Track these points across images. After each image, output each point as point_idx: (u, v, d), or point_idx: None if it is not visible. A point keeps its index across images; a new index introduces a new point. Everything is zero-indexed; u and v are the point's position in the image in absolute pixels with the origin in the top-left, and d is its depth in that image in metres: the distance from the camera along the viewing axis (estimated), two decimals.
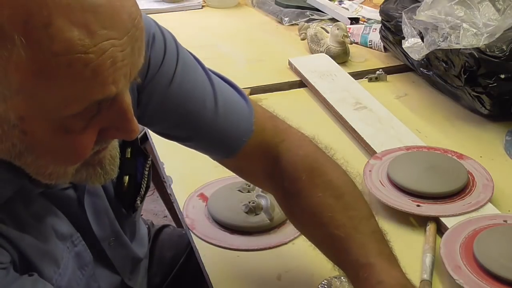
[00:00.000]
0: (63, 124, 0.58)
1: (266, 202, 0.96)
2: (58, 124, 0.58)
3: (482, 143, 1.20)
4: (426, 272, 0.85)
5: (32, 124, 0.57)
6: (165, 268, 1.12)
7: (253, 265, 0.89)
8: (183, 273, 1.13)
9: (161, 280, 1.11)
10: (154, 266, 1.10)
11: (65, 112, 0.56)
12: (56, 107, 0.56)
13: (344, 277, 0.84)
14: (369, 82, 1.47)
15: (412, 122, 1.27)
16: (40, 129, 0.58)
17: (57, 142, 0.60)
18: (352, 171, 1.09)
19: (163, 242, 1.15)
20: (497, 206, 0.98)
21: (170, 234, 1.18)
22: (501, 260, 0.83)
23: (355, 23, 1.80)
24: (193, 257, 1.00)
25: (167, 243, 1.15)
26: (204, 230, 0.96)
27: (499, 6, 1.20)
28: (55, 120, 0.57)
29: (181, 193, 1.05)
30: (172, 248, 1.15)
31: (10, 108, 0.56)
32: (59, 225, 0.73)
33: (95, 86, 0.55)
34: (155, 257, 1.11)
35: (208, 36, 1.83)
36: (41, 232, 0.69)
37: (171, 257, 1.13)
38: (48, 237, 0.70)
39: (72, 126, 0.59)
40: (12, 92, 0.54)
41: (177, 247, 1.15)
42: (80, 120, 0.58)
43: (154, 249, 1.13)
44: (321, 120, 1.31)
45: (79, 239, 0.76)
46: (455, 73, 1.26)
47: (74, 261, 0.74)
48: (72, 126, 0.59)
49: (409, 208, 0.97)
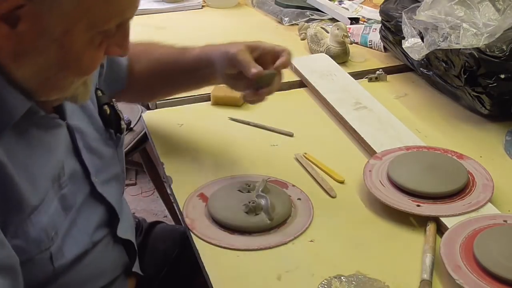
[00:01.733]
0: (93, 38, 0.70)
1: (266, 202, 0.96)
2: (92, 38, 0.70)
3: (482, 143, 1.20)
4: (426, 272, 0.85)
5: (73, 37, 0.68)
6: (158, 260, 1.18)
7: (253, 265, 0.89)
8: (178, 266, 1.18)
9: (155, 271, 1.16)
10: (147, 257, 1.14)
11: (105, 25, 0.70)
12: (101, 21, 0.69)
13: (344, 277, 0.85)
14: (369, 82, 1.47)
15: (412, 122, 1.27)
16: (78, 42, 0.69)
17: (85, 55, 0.72)
18: (352, 171, 1.10)
19: (156, 235, 1.22)
20: (497, 206, 0.98)
21: (162, 229, 1.25)
22: (501, 260, 0.83)
23: (355, 23, 1.80)
24: (187, 250, 1.03)
25: (160, 236, 1.22)
26: (204, 230, 0.96)
27: (499, 6, 1.20)
28: (93, 34, 0.70)
29: (181, 193, 1.05)
30: (165, 241, 1.21)
31: (61, 22, 0.67)
32: (50, 162, 0.80)
33: (131, 6, 0.71)
34: (147, 249, 1.17)
35: (208, 36, 1.82)
36: (31, 166, 0.77)
37: (164, 249, 1.19)
38: (36, 173, 0.77)
39: (96, 41, 0.71)
40: (69, 4, 0.65)
41: (170, 240, 1.21)
42: (102, 36, 0.71)
43: (147, 242, 1.19)
44: (321, 120, 1.31)
45: (66, 183, 0.83)
46: (455, 73, 1.26)
47: (59, 202, 0.82)
48: (96, 41, 0.71)
49: (409, 208, 0.97)
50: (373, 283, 0.84)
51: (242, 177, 1.08)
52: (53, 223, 0.80)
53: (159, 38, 1.82)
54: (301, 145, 1.20)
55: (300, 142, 1.22)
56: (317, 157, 1.14)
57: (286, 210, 0.98)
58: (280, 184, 1.06)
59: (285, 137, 1.23)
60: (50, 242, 0.80)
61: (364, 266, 0.87)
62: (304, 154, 1.15)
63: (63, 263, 0.83)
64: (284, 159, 1.15)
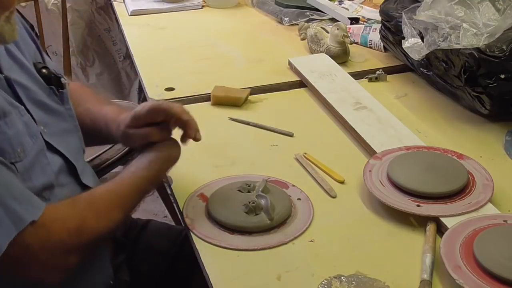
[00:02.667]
0: None
1: (266, 202, 0.97)
2: None
3: (482, 143, 1.20)
4: (426, 272, 0.85)
5: None
6: (153, 256, 1.19)
7: (253, 265, 0.89)
8: (176, 265, 1.19)
9: (151, 268, 1.17)
10: (140, 254, 1.17)
11: None
12: None
13: (344, 277, 0.85)
14: (369, 82, 1.47)
15: (412, 122, 1.27)
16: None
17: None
18: (352, 171, 1.11)
19: (150, 232, 1.23)
20: (497, 206, 0.98)
21: (157, 226, 1.27)
22: (501, 260, 0.83)
23: (355, 23, 1.80)
24: (185, 250, 1.06)
25: (155, 233, 1.23)
26: (204, 230, 0.96)
27: (499, 6, 1.20)
28: None
29: (181, 193, 1.05)
30: (160, 238, 1.23)
31: None
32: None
33: None
34: (140, 246, 1.19)
35: (208, 36, 1.83)
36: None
37: (158, 246, 1.20)
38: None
39: None
40: None
41: (166, 237, 1.23)
42: None
43: (140, 239, 1.21)
44: (321, 120, 1.31)
45: (24, 111, 0.89)
46: (455, 73, 1.26)
47: (23, 126, 0.88)
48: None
49: (409, 208, 0.97)
50: (373, 283, 0.84)
51: (242, 177, 1.08)
52: (18, 139, 0.85)
53: (159, 38, 1.84)
54: (301, 145, 1.20)
55: (300, 142, 1.22)
56: (317, 157, 1.14)
57: (286, 210, 0.98)
58: (280, 184, 1.06)
59: (285, 137, 1.23)
60: (16, 157, 0.85)
61: (364, 266, 0.87)
62: (304, 154, 1.15)
63: (32, 187, 0.86)
64: (284, 159, 1.15)
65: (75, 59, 2.58)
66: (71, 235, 0.84)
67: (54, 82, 1.00)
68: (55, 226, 0.83)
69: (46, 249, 0.82)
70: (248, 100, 1.38)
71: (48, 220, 0.82)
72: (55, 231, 0.83)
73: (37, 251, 0.81)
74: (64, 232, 0.84)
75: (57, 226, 0.83)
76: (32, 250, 0.81)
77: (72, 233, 0.84)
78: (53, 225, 0.83)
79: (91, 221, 0.87)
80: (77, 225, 0.85)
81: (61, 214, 0.85)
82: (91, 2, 2.51)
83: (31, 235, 0.80)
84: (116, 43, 2.62)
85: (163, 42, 1.78)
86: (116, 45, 2.63)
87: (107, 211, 0.91)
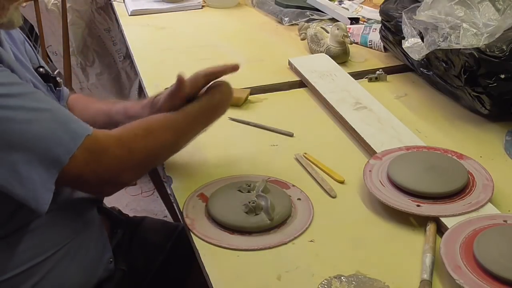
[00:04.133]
0: None
1: (266, 202, 0.97)
2: None
3: (482, 143, 1.20)
4: (426, 272, 0.85)
5: None
6: (147, 251, 1.21)
7: (253, 265, 0.89)
8: (172, 258, 1.22)
9: (145, 263, 1.19)
10: (135, 248, 1.20)
11: None
12: None
13: (344, 277, 0.85)
14: (369, 82, 1.47)
15: (412, 122, 1.27)
16: None
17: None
18: (352, 171, 1.11)
19: (145, 228, 1.26)
20: (497, 206, 0.98)
21: (152, 223, 1.30)
22: (501, 260, 0.83)
23: (355, 23, 1.80)
24: (181, 247, 1.09)
25: (150, 229, 1.26)
26: (204, 230, 0.96)
27: (499, 6, 1.20)
28: None
29: (181, 193, 1.05)
30: (155, 233, 1.25)
31: None
32: None
33: None
34: (135, 241, 1.21)
35: (208, 36, 1.83)
36: None
37: (153, 240, 1.23)
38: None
39: None
40: None
41: (161, 232, 1.26)
42: None
43: (135, 234, 1.22)
44: (321, 120, 1.31)
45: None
46: (455, 73, 1.26)
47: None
48: None
49: (409, 208, 0.97)
50: (373, 283, 0.84)
51: (242, 177, 1.08)
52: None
53: (159, 38, 1.84)
54: (301, 145, 1.20)
55: (300, 142, 1.22)
56: (317, 157, 1.14)
57: (286, 210, 0.98)
58: (280, 184, 1.06)
59: (285, 137, 1.24)
60: None
61: (364, 266, 0.87)
62: (304, 154, 1.15)
63: None
64: (284, 159, 1.16)
65: (75, 59, 2.58)
66: (123, 151, 0.92)
67: (51, 80, 1.07)
68: (109, 141, 0.91)
69: (102, 163, 0.90)
70: (248, 100, 1.38)
71: (101, 135, 0.91)
72: (109, 145, 0.91)
73: (93, 165, 0.89)
74: (117, 148, 0.91)
75: (110, 141, 0.92)
76: (89, 163, 0.88)
77: (125, 149, 0.92)
78: (107, 140, 0.91)
79: (141, 139, 0.94)
80: (129, 141, 0.93)
81: (114, 131, 0.94)
82: (91, 2, 2.51)
83: (87, 150, 0.88)
84: (116, 43, 2.62)
85: (163, 42, 1.78)
86: (116, 45, 2.63)
87: (159, 131, 0.97)
